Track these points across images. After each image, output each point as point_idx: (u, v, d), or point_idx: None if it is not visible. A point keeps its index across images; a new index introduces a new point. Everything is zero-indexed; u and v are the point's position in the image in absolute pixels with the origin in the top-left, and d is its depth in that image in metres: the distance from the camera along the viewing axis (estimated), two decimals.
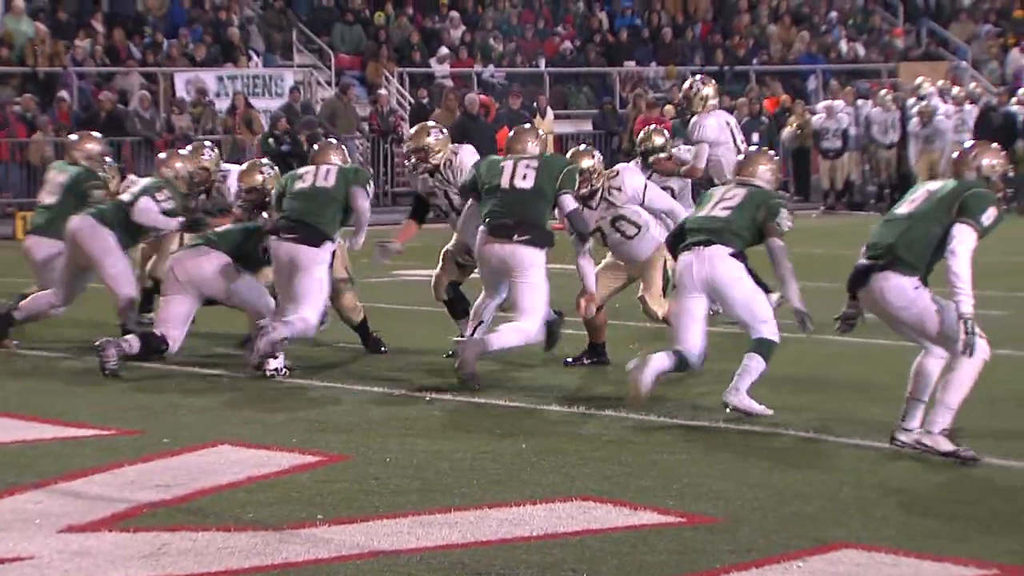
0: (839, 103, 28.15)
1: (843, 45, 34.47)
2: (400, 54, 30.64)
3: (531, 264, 10.15)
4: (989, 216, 7.96)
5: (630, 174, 11.17)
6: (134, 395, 10.15)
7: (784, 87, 31.64)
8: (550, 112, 28.30)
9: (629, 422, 9.08)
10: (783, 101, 29.77)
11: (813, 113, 28.52)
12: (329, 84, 29.47)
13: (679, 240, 9.40)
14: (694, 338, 9.19)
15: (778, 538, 6.56)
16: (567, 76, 31.48)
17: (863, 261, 8.20)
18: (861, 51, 34.43)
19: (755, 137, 23.87)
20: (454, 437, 8.75)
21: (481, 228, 10.27)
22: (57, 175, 12.73)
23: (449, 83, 29.79)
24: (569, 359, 11.11)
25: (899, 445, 8.10)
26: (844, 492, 7.38)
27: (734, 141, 13.94)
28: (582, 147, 11.41)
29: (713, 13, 34.88)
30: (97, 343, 10.74)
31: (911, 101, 27.86)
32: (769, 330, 9.17)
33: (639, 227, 10.98)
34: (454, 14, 32.21)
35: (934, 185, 8.29)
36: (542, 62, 31.74)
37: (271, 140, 24.84)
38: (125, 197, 11.92)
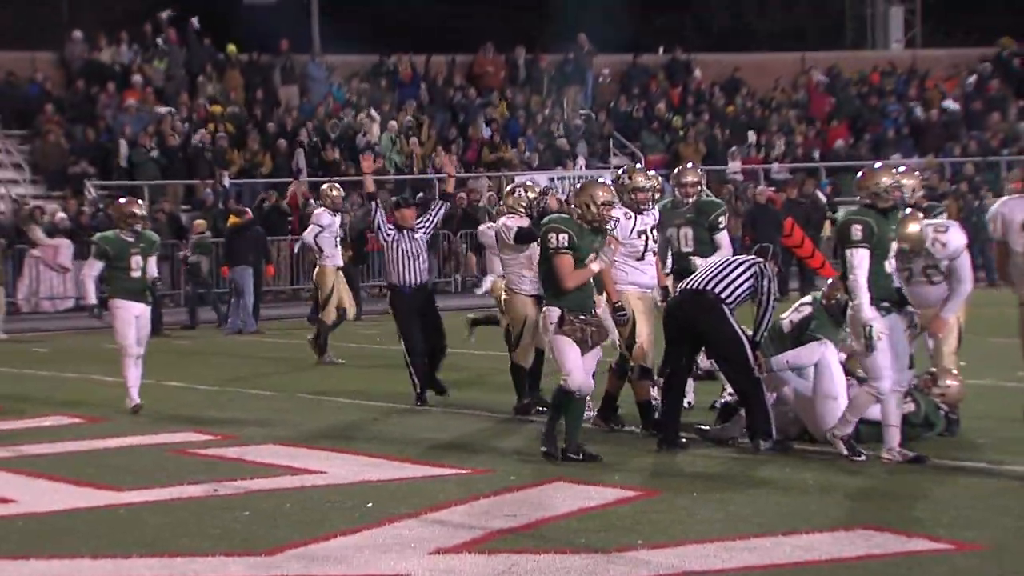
0: None
1: None
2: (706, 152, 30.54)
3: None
4: None
5: (956, 232, 9.88)
6: (485, 440, 10.29)
7: None
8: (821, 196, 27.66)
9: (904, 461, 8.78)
10: None
11: None
12: None
13: None
14: None
15: None
16: (840, 169, 30.82)
17: None
18: None
19: None
20: (752, 474, 8.60)
21: None
22: None
23: (740, 177, 29.64)
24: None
25: None
26: None
27: None
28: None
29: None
30: None
31: None
32: None
33: (942, 275, 9.91)
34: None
35: None
36: (817, 155, 31.31)
37: None
38: None
